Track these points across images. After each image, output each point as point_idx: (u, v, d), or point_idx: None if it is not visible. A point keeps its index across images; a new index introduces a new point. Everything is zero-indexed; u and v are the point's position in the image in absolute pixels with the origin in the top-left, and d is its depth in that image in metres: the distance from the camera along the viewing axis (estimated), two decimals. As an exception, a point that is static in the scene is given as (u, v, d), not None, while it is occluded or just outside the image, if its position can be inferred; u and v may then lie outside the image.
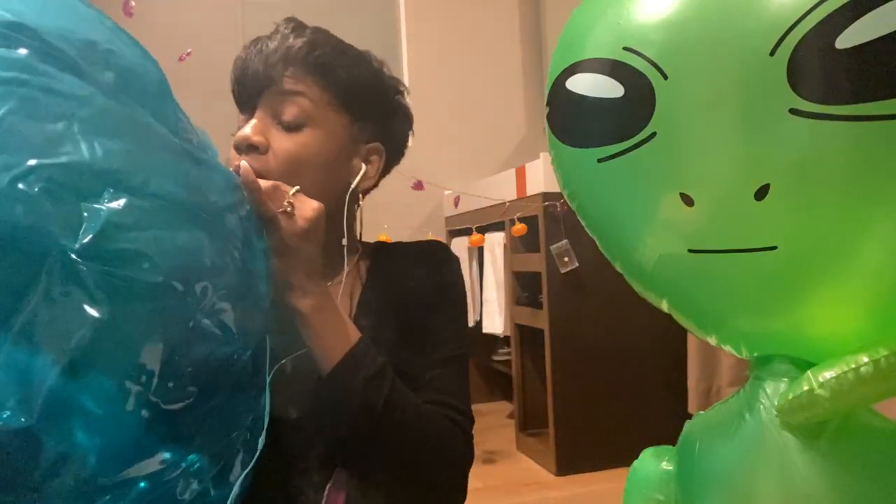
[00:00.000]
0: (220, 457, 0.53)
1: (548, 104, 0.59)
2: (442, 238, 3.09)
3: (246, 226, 0.58)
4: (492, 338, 2.87)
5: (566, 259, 2.21)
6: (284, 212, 0.65)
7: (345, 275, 0.78)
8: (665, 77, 0.49)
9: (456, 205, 2.92)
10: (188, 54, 2.16)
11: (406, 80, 2.55)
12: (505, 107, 3.39)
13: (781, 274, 0.49)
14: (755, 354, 0.56)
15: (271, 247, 0.63)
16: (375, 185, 0.83)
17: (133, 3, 2.05)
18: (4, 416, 0.40)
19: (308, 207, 0.67)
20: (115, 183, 0.45)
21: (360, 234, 0.84)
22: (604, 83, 0.52)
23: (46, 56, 0.46)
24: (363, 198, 0.80)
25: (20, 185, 0.41)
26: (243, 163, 0.64)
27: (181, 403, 0.48)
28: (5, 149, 0.41)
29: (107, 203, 0.44)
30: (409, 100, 0.86)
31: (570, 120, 0.57)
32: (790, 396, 0.49)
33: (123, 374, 0.45)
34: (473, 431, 0.77)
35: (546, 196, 2.25)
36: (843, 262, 0.48)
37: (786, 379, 0.52)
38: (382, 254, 0.85)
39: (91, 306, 0.42)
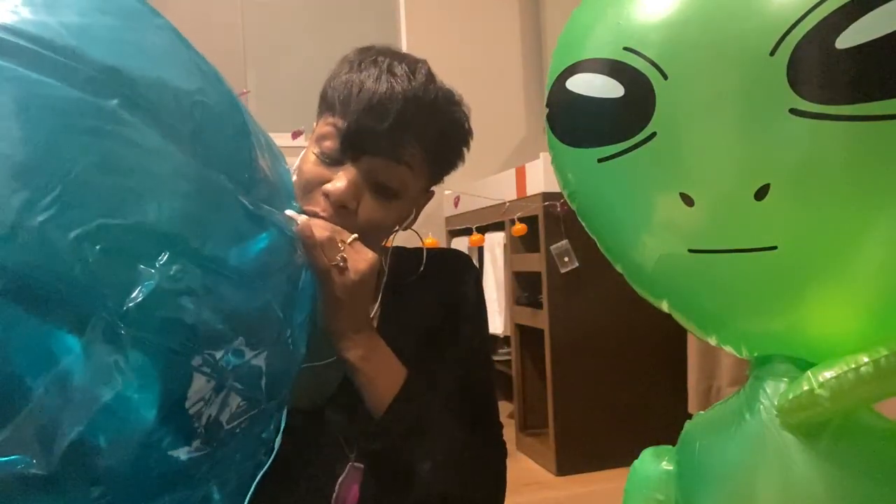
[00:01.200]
0: (231, 482, 0.55)
1: (548, 104, 0.59)
2: (442, 238, 3.09)
3: (293, 286, 0.57)
4: (492, 338, 2.87)
5: (566, 259, 2.21)
6: (337, 266, 0.64)
7: (376, 308, 0.77)
8: (665, 77, 0.49)
9: (456, 205, 2.92)
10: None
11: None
12: (505, 107, 3.39)
13: (781, 274, 0.49)
14: (755, 354, 0.56)
15: (322, 299, 0.63)
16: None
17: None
18: (26, 461, 0.40)
19: (362, 260, 0.66)
20: (172, 246, 0.44)
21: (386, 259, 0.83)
22: (604, 83, 0.52)
23: (134, 107, 0.45)
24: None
25: (84, 245, 0.40)
26: (302, 219, 0.61)
27: (201, 453, 0.48)
28: (75, 204, 0.41)
29: (161, 266, 0.44)
30: None
31: (570, 120, 0.57)
32: (790, 396, 0.49)
33: (145, 433, 0.45)
34: None
35: (546, 196, 2.25)
36: (843, 262, 0.48)
37: (786, 379, 0.52)
38: (398, 261, 0.83)
39: (121, 373, 0.42)
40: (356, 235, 0.67)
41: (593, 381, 2.26)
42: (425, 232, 0.91)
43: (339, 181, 0.67)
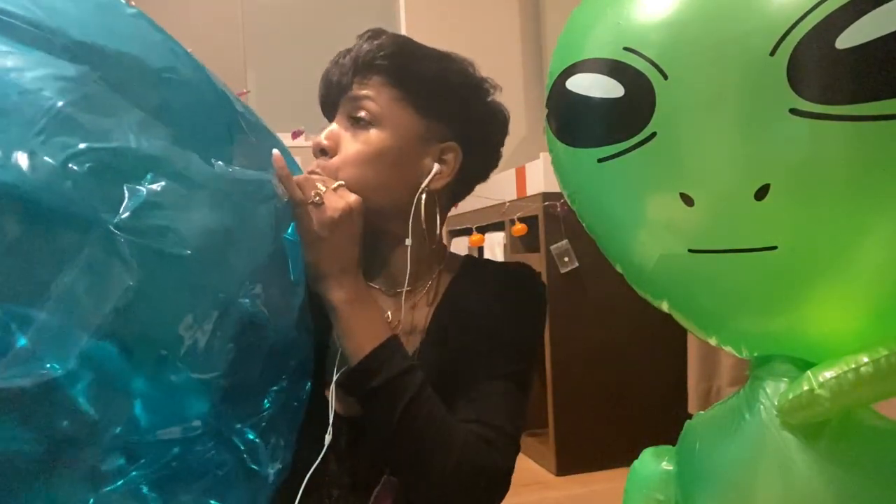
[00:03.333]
0: (253, 434, 0.57)
1: (548, 104, 0.59)
2: (442, 238, 3.09)
3: (280, 216, 0.62)
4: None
5: (566, 259, 2.21)
6: (313, 202, 0.67)
7: (407, 278, 0.75)
8: (665, 77, 0.49)
9: (456, 205, 2.92)
10: (188, 54, 2.15)
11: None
12: (505, 107, 3.39)
13: (781, 274, 0.49)
14: (755, 354, 0.56)
15: (301, 236, 0.66)
16: (455, 186, 0.81)
17: (133, 4, 2.05)
18: (44, 366, 0.44)
19: (341, 199, 0.69)
20: (155, 167, 0.50)
21: (441, 236, 0.82)
22: (604, 83, 0.52)
23: (102, 75, 0.51)
24: (440, 199, 0.79)
25: (71, 164, 0.45)
26: (275, 151, 0.66)
27: (210, 374, 0.52)
28: (62, 133, 0.46)
29: (146, 184, 0.49)
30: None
31: (570, 120, 0.57)
32: (790, 396, 0.49)
33: (157, 341, 0.49)
34: None
35: (546, 196, 2.25)
36: (843, 262, 0.48)
37: (786, 379, 0.52)
38: (468, 269, 0.83)
39: (126, 272, 0.46)
40: (342, 182, 0.71)
41: (593, 381, 2.26)
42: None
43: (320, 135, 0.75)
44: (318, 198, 0.67)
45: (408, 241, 0.75)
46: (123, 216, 0.47)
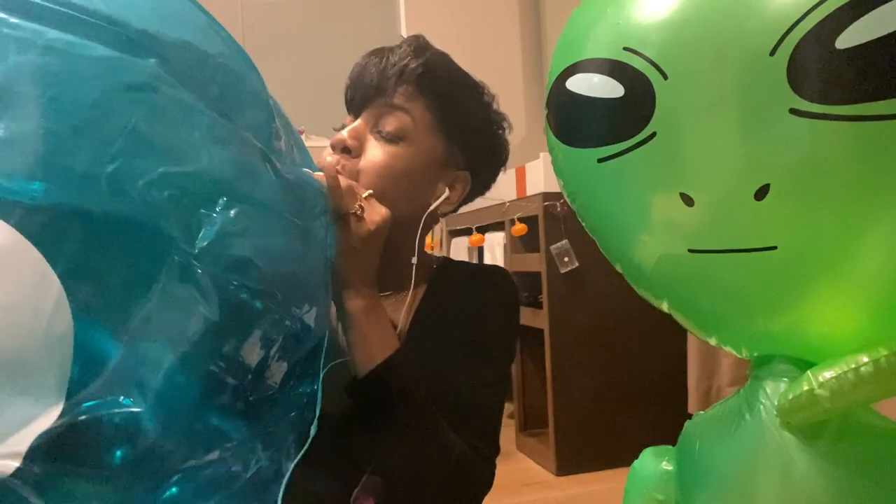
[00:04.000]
0: (273, 441, 0.56)
1: (548, 104, 0.59)
2: (442, 238, 3.09)
3: (327, 231, 0.62)
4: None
5: (566, 259, 2.21)
6: (355, 213, 0.67)
7: (411, 292, 0.78)
8: (665, 77, 0.49)
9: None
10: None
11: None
12: (505, 107, 3.36)
13: (781, 274, 0.49)
14: (755, 354, 0.56)
15: (338, 245, 0.65)
16: (454, 212, 0.84)
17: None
18: (122, 403, 0.43)
19: (377, 212, 0.69)
20: (227, 191, 0.48)
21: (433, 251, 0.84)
22: (604, 83, 0.52)
23: (168, 68, 0.48)
24: (437, 221, 0.81)
25: (152, 192, 0.44)
26: (328, 159, 0.66)
27: (268, 394, 0.53)
28: (139, 154, 0.44)
29: (220, 210, 0.47)
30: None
31: (570, 120, 0.57)
32: (790, 396, 0.49)
33: (224, 369, 0.49)
34: None
35: (546, 196, 2.25)
36: (843, 262, 0.48)
37: (786, 379, 0.52)
38: (445, 272, 0.85)
39: (205, 307, 0.46)
40: (371, 191, 0.70)
41: (593, 381, 2.25)
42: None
43: (343, 131, 0.74)
44: (360, 210, 0.67)
45: (413, 260, 0.77)
46: (202, 245, 0.46)
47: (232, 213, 0.48)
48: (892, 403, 0.51)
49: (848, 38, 0.42)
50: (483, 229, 2.72)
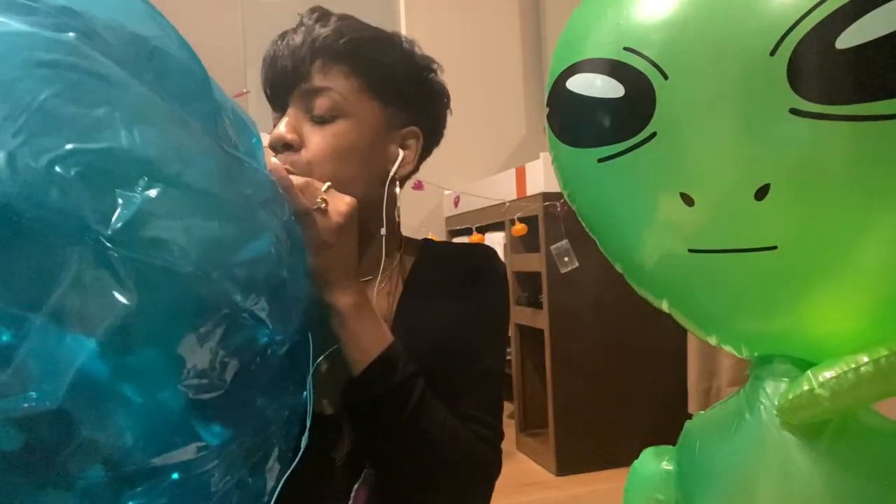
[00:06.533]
0: (255, 450, 0.54)
1: (548, 104, 0.59)
2: (442, 238, 3.09)
3: (284, 221, 0.58)
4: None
5: (566, 259, 2.21)
6: (318, 208, 0.64)
7: (381, 268, 0.75)
8: (665, 77, 0.49)
9: (456, 205, 2.92)
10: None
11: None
12: (505, 107, 3.39)
13: (781, 274, 0.49)
14: (755, 354, 0.56)
15: (307, 244, 0.63)
16: (415, 171, 0.81)
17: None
18: (32, 397, 0.40)
19: (342, 202, 0.66)
20: (150, 171, 0.45)
21: (399, 224, 0.80)
22: (604, 83, 0.52)
23: (92, 43, 0.45)
24: (402, 185, 0.78)
25: (57, 169, 0.40)
26: (273, 160, 0.63)
27: (213, 393, 0.48)
28: (45, 132, 0.41)
29: (141, 191, 0.44)
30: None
31: (570, 120, 0.57)
32: (790, 396, 0.49)
33: (155, 361, 0.45)
34: None
35: (546, 196, 2.25)
36: (843, 261, 0.48)
37: (786, 379, 0.52)
38: (428, 253, 0.83)
39: (121, 293, 0.42)
40: (329, 183, 0.67)
41: (593, 381, 2.26)
42: (425, 232, 0.91)
43: (279, 127, 0.71)
44: (323, 203, 0.65)
45: (382, 231, 0.74)
46: (116, 227, 0.42)
47: (153, 192, 0.44)
48: (892, 403, 0.51)
49: (848, 38, 0.42)
50: (483, 229, 2.72)
